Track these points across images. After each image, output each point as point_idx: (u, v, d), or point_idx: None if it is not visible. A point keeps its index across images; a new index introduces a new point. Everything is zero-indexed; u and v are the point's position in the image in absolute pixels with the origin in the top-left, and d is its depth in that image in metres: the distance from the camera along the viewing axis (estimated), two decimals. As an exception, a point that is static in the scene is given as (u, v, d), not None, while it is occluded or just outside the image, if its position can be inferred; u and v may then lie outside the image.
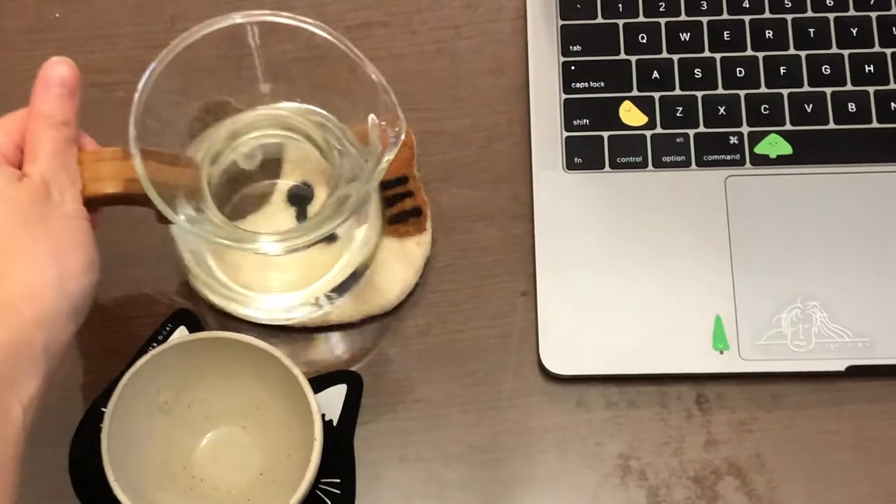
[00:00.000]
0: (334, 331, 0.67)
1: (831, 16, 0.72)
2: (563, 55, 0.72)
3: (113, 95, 0.71)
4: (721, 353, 0.65)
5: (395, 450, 0.65)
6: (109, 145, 0.59)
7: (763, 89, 0.70)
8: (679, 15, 0.72)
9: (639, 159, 0.69)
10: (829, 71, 0.70)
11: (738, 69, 0.71)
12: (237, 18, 0.59)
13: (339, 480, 0.63)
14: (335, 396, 0.64)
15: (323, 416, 0.61)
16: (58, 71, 0.57)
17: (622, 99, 0.70)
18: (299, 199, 0.67)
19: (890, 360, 0.64)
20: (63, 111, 0.57)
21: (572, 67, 0.71)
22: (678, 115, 0.70)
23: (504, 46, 0.73)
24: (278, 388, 0.62)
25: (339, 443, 0.63)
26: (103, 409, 0.60)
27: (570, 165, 0.69)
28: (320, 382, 0.65)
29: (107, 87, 0.72)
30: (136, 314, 0.67)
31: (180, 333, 0.65)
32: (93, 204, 0.58)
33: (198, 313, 0.66)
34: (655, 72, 0.71)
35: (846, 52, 0.71)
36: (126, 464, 0.60)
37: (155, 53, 0.73)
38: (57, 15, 0.75)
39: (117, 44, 0.74)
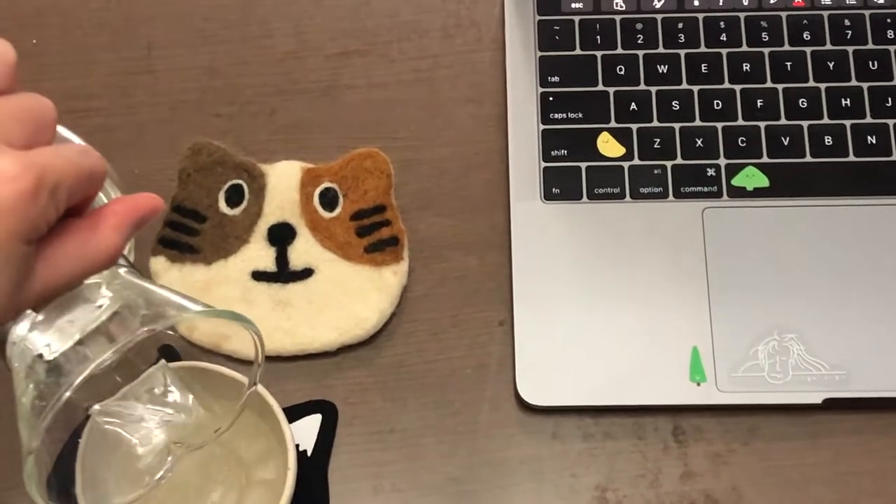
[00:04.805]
0: (310, 360, 0.67)
1: (808, 49, 0.72)
2: (542, 86, 0.72)
3: (89, 122, 0.71)
4: (698, 384, 0.65)
5: (370, 480, 0.64)
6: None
7: (740, 122, 0.70)
8: (657, 47, 0.73)
9: (616, 190, 0.69)
10: (805, 104, 0.71)
11: (715, 102, 0.71)
12: None
13: (313, 511, 0.63)
14: (310, 426, 0.64)
15: (297, 445, 0.60)
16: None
17: (600, 130, 0.71)
18: (280, 239, 0.67)
19: (867, 393, 0.64)
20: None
21: (550, 98, 0.71)
22: (656, 146, 0.70)
23: (482, 77, 0.73)
24: (253, 418, 0.61)
25: (313, 473, 0.63)
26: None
27: (548, 196, 0.69)
28: (295, 412, 0.64)
29: (83, 114, 0.71)
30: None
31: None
32: None
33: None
34: (633, 103, 0.71)
35: (823, 86, 0.71)
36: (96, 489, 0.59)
37: (131, 80, 0.73)
38: (34, 41, 0.75)
39: (94, 70, 0.74)
